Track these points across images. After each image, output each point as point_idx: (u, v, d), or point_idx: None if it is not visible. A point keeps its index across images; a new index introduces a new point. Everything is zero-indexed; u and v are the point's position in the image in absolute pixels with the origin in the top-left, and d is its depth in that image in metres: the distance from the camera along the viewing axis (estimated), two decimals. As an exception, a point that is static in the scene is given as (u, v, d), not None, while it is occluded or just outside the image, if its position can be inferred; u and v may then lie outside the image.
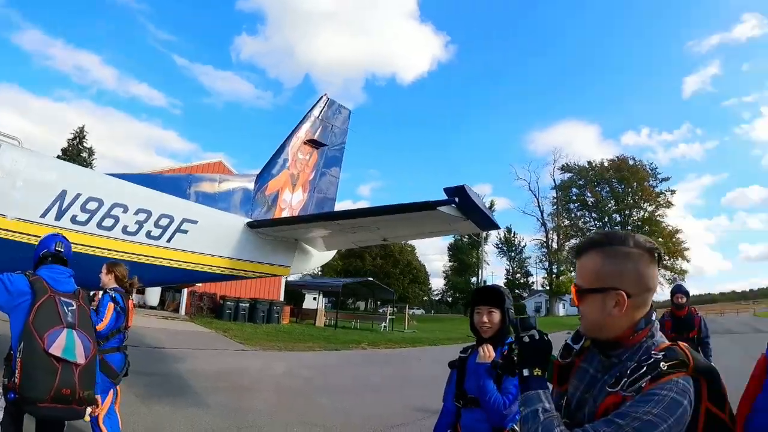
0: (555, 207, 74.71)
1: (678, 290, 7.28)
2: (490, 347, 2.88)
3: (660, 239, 70.65)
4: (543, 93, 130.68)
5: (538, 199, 74.09)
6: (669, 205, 73.98)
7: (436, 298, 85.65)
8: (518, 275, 75.98)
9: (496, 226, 8.04)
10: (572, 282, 1.63)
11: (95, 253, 6.88)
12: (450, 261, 79.67)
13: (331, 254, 11.09)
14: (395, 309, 39.13)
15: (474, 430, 2.86)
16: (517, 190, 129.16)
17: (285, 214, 10.05)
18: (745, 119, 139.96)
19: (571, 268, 70.65)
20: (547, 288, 67.92)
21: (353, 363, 15.99)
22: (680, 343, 1.55)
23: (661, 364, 1.43)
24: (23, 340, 3.30)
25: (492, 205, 71.60)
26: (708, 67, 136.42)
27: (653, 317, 1.59)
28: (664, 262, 60.30)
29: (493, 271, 65.65)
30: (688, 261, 72.83)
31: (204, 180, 9.07)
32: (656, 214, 73.40)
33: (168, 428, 6.38)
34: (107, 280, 5.31)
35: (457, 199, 6.39)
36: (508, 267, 79.17)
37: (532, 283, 76.29)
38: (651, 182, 73.55)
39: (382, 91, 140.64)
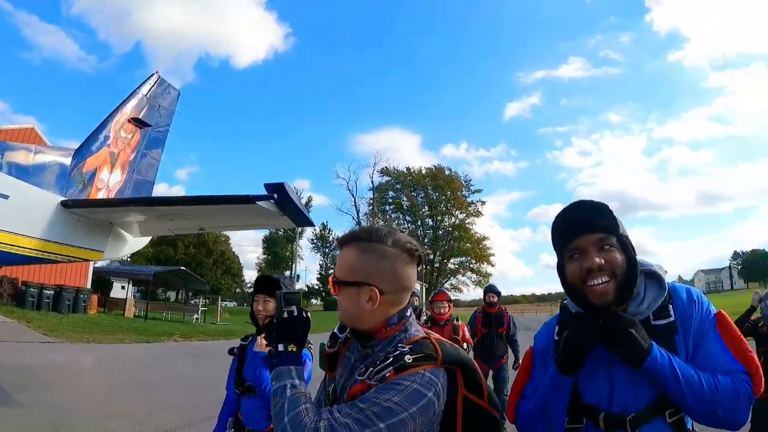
0: (371, 208, 78.26)
1: (490, 290, 7.89)
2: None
3: (468, 244, 78.96)
4: (373, 98, 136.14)
5: (355, 199, 76.99)
6: (479, 214, 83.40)
7: (249, 291, 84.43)
8: (331, 270, 78.13)
9: (310, 224, 8.56)
10: None
11: None
12: (264, 254, 78.99)
13: (145, 240, 10.70)
14: (208, 300, 37.83)
15: (252, 417, 2.90)
16: (336, 188, 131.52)
17: (101, 194, 9.43)
18: (556, 146, 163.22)
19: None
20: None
21: (166, 356, 15.52)
22: (432, 335, 1.59)
23: (407, 357, 1.46)
24: None
25: (310, 200, 72.59)
26: (531, 96, 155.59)
27: (407, 313, 1.62)
28: (471, 266, 66.64)
29: (307, 265, 66.55)
30: (493, 265, 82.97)
31: (18, 149, 8.10)
32: (466, 221, 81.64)
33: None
34: None
35: (276, 196, 6.74)
36: (321, 262, 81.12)
37: (344, 279, 79.25)
38: (464, 192, 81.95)
39: (213, 72, 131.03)
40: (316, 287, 77.26)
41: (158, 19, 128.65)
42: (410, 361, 1.44)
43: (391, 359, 1.46)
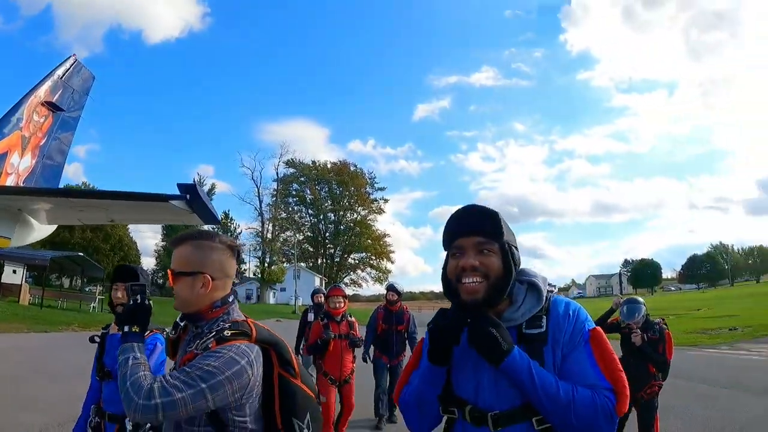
0: (274, 199, 77.29)
1: (391, 288, 8.18)
2: None
3: (369, 241, 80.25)
4: (284, 87, 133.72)
5: (258, 189, 75.61)
6: (381, 211, 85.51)
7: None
8: (232, 257, 76.60)
9: (217, 222, 8.80)
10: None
11: None
12: (163, 240, 75.71)
13: (52, 228, 10.26)
14: (104, 288, 35.83)
15: (113, 401, 3.01)
16: (240, 176, 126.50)
17: (11, 179, 8.99)
18: (462, 150, 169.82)
19: (284, 259, 74.12)
20: (260, 276, 69.80)
21: (66, 346, 14.91)
22: (249, 320, 1.94)
23: (226, 332, 1.80)
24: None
25: (213, 188, 70.32)
26: (441, 100, 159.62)
27: (230, 299, 1.99)
28: (371, 262, 68.01)
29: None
30: (392, 262, 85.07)
31: None
32: (368, 218, 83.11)
33: None
34: None
35: (188, 196, 6.93)
36: None
37: (245, 270, 77.32)
38: (368, 189, 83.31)
39: (123, 45, 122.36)
40: (213, 276, 75.53)
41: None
42: (228, 335, 1.78)
43: (213, 333, 1.81)
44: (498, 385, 1.63)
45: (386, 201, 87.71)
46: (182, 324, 2.04)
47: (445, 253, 1.77)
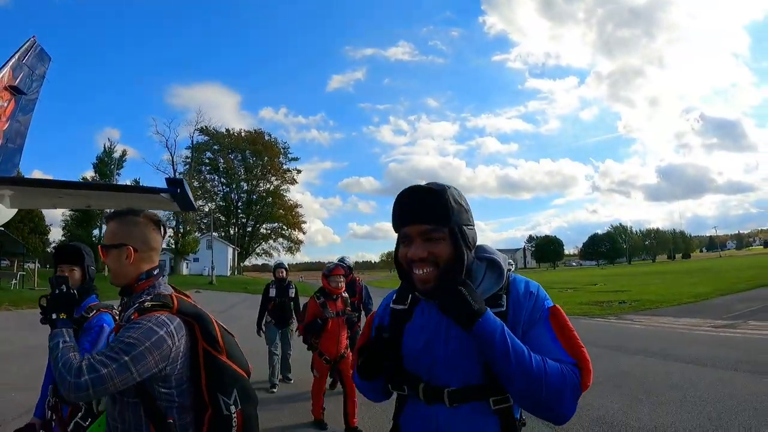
0: (187, 167, 74.71)
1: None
2: None
3: (282, 211, 79.79)
4: (196, 50, 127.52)
5: (173, 158, 72.69)
6: (294, 182, 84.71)
7: (51, 251, 75.12)
8: (141, 223, 73.45)
9: (194, 209, 9.47)
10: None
11: None
12: (71, 210, 71.31)
13: (14, 212, 10.38)
14: (24, 264, 33.63)
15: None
16: (147, 140, 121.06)
17: (-24, 164, 9.11)
18: (374, 122, 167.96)
19: (196, 229, 72.18)
20: (173, 247, 67.93)
21: (8, 327, 14.68)
22: (175, 294, 2.00)
23: (146, 303, 1.86)
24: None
25: (124, 155, 66.94)
26: (356, 72, 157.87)
27: (155, 272, 2.06)
28: (283, 232, 67.79)
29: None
30: (304, 233, 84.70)
31: None
32: (281, 188, 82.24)
33: None
34: None
35: (178, 189, 7.68)
36: None
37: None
38: (282, 159, 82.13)
39: None
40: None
41: None
42: (149, 306, 1.85)
43: (136, 305, 1.90)
44: (453, 361, 1.59)
45: (299, 171, 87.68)
46: (126, 299, 2.10)
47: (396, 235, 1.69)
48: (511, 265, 1.73)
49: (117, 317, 2.82)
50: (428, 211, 1.58)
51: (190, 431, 1.90)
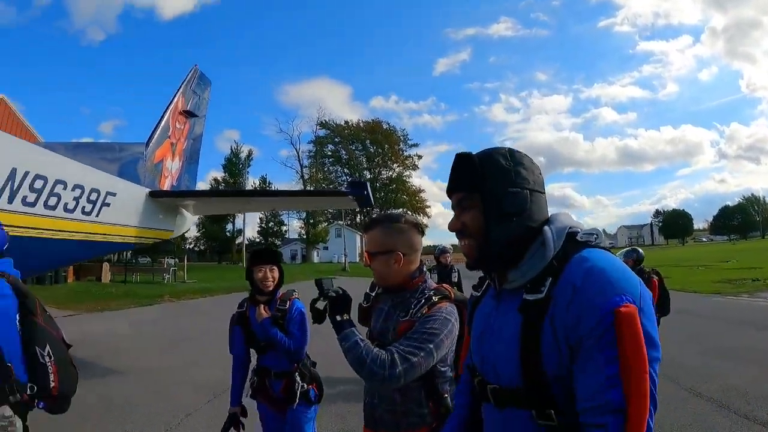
0: (312, 160, 78.90)
1: (442, 252, 9.02)
2: (263, 307, 3.31)
3: (405, 197, 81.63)
4: (301, 47, 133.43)
5: (298, 153, 77.17)
6: (415, 167, 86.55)
7: (189, 247, 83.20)
8: (271, 224, 78.24)
9: (372, 206, 10.21)
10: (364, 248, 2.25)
11: (45, 235, 6.89)
12: (206, 211, 77.56)
13: (195, 218, 11.81)
14: (177, 260, 37.43)
15: (277, 366, 3.30)
16: (263, 138, 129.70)
17: (168, 181, 10.56)
18: (485, 102, 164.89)
19: (323, 219, 75.81)
20: (304, 236, 71.72)
21: (183, 314, 16.08)
22: (444, 285, 2.21)
23: (433, 297, 2.03)
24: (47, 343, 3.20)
25: (250, 154, 71.94)
26: (460, 53, 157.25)
27: (423, 269, 2.22)
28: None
29: (247, 219, 65.98)
30: (429, 217, 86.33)
31: (106, 149, 9.04)
32: (403, 174, 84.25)
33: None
34: None
35: (364, 192, 8.45)
36: (261, 216, 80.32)
37: (286, 231, 79.46)
38: (401, 146, 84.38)
39: (138, 23, 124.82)
40: (258, 240, 77.52)
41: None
42: (436, 299, 2.02)
43: (423, 300, 2.03)
44: (493, 355, 1.39)
45: (420, 157, 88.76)
46: (374, 294, 2.33)
47: None
48: (593, 236, 1.35)
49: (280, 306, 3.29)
50: (457, 178, 1.46)
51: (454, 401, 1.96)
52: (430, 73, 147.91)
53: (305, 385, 3.23)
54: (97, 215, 7.93)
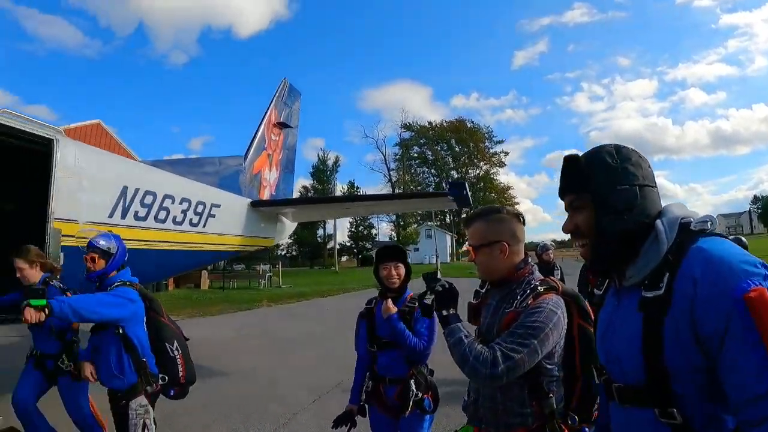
0: (398, 163, 79.70)
1: (545, 249, 8.88)
2: (391, 301, 3.25)
3: (493, 195, 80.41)
4: (376, 53, 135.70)
5: (385, 156, 78.28)
6: (502, 164, 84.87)
7: (282, 252, 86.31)
8: (361, 227, 79.46)
9: (469, 205, 10.03)
10: (467, 244, 2.22)
11: (156, 247, 7.30)
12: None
13: (294, 225, 12.11)
14: (272, 266, 38.81)
15: (392, 367, 3.22)
16: (347, 145, 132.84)
17: (266, 191, 10.96)
18: (567, 92, 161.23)
19: (420, 221, 76.08)
20: (395, 239, 72.37)
21: (282, 318, 16.51)
22: (551, 277, 2.14)
23: (539, 288, 1.96)
24: (174, 339, 3.67)
25: (337, 161, 73.83)
26: (537, 44, 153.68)
27: (528, 260, 2.14)
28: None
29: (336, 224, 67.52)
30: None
31: (207, 164, 9.52)
32: (491, 172, 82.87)
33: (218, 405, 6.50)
34: (33, 273, 4.46)
35: (464, 192, 8.33)
36: (351, 220, 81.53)
37: (376, 234, 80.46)
38: (487, 144, 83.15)
39: (217, 44, 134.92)
40: (348, 244, 79.04)
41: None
42: (542, 290, 1.95)
43: (528, 291, 1.97)
44: (615, 351, 1.40)
45: (506, 154, 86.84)
46: (483, 290, 2.26)
47: None
48: (707, 222, 1.29)
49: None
50: (567, 180, 1.49)
51: (562, 404, 1.99)
52: (509, 68, 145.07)
53: (420, 394, 3.11)
54: (203, 226, 8.32)
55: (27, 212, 5.56)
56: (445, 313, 1.95)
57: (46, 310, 2.96)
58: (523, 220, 2.17)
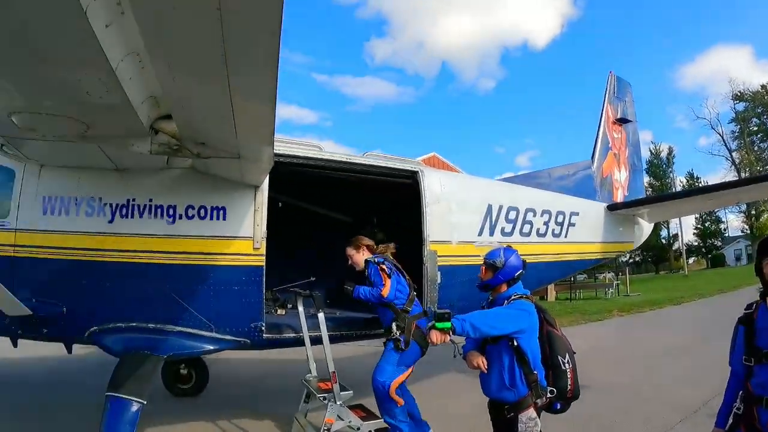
0: (739, 142, 64.32)
1: None
2: None
3: None
4: (681, 24, 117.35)
5: (723, 137, 65.23)
6: None
7: (625, 259, 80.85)
8: (708, 222, 68.64)
9: None
10: None
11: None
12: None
13: (651, 226, 11.09)
14: (618, 274, 37.07)
15: None
16: (676, 131, 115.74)
17: (619, 192, 10.34)
18: None
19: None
20: (747, 232, 60.66)
21: (636, 328, 16.67)
22: None
23: None
24: (567, 352, 3.70)
25: (671, 152, 65.84)
26: None
27: None
28: None
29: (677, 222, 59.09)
30: None
31: (559, 173, 9.52)
32: None
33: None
34: (360, 257, 5.66)
35: None
36: (696, 216, 70.51)
37: (725, 229, 68.65)
38: None
39: (518, 61, 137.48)
40: (696, 243, 69.47)
41: (448, 35, 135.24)
42: None
43: None
44: None
45: None
46: None
47: None
48: None
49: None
50: None
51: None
52: None
53: None
54: (565, 236, 8.26)
55: (398, 238, 6.32)
56: None
57: (450, 333, 3.25)
58: None
